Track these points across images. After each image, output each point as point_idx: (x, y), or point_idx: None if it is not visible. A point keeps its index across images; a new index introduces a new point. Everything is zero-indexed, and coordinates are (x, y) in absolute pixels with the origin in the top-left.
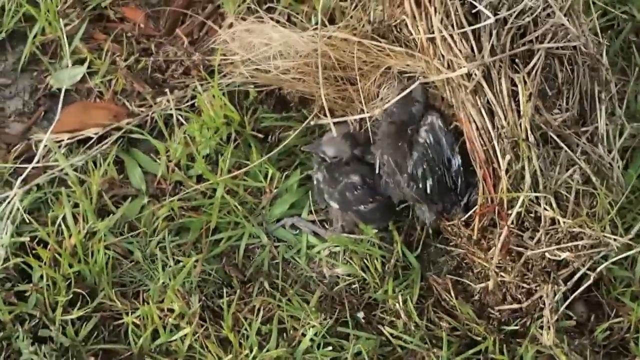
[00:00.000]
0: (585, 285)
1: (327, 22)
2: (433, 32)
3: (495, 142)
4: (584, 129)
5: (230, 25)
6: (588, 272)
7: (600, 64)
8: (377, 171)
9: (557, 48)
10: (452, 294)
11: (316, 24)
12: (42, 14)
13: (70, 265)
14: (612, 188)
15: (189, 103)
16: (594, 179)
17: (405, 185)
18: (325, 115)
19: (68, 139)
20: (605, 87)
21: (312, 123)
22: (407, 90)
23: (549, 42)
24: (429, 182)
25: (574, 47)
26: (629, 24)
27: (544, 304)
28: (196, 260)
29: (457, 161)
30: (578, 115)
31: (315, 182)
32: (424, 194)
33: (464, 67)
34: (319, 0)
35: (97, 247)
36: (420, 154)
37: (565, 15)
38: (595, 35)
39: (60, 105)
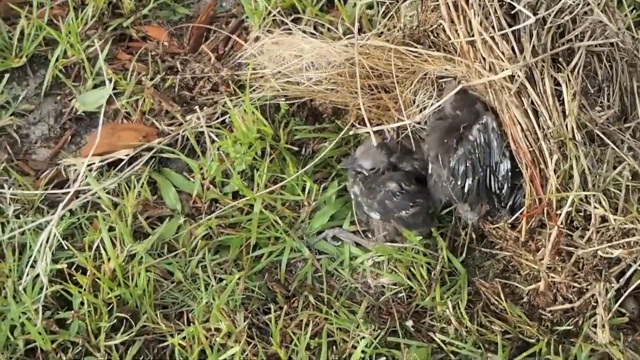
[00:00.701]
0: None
1: (356, 31)
2: (473, 35)
3: (542, 143)
4: (626, 125)
5: (257, 39)
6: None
7: (637, 59)
8: (428, 170)
9: (596, 45)
10: (502, 297)
11: (344, 33)
12: (63, 36)
13: (111, 290)
14: None
15: (219, 119)
16: None
17: (445, 180)
18: (360, 124)
19: (99, 162)
20: None
21: (350, 133)
22: (452, 93)
23: (588, 40)
24: (468, 181)
25: (612, 43)
26: None
27: (597, 302)
28: (239, 278)
29: (506, 166)
30: (620, 112)
31: (352, 196)
32: (461, 193)
33: (507, 69)
34: (344, 10)
35: (136, 270)
36: (466, 151)
37: (602, 11)
38: (629, 31)
39: (88, 129)
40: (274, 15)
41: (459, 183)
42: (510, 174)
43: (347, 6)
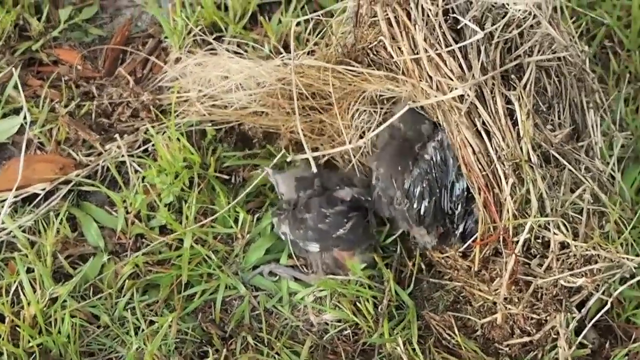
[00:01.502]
0: (603, 310)
1: (282, 49)
2: (417, 52)
3: (496, 165)
4: (580, 143)
5: (178, 60)
6: (603, 296)
7: (585, 73)
8: (374, 187)
9: (546, 60)
10: (455, 331)
11: (271, 52)
12: None
13: (32, 338)
14: (618, 204)
15: (141, 148)
16: (603, 197)
17: (398, 202)
18: (294, 149)
19: (12, 198)
20: (592, 97)
21: (288, 159)
22: (396, 116)
23: (537, 55)
24: (425, 204)
25: (559, 57)
26: (601, 29)
27: (557, 334)
28: (171, 320)
29: (462, 185)
30: (572, 130)
31: (283, 237)
32: (417, 216)
33: (457, 88)
34: (270, 26)
35: (59, 315)
36: (422, 171)
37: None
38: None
39: None
40: (195, 35)
41: (415, 206)
42: (465, 194)
43: (271, 23)
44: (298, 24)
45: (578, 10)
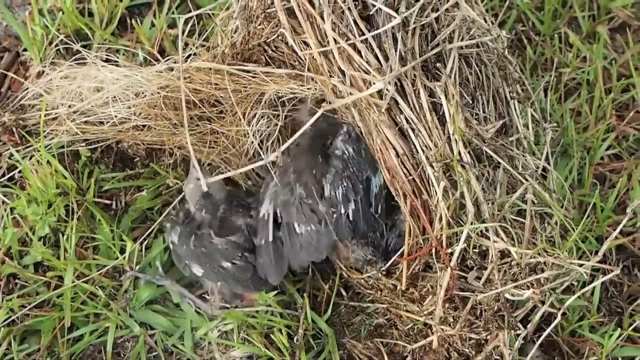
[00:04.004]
0: (553, 325)
1: (158, 55)
2: (326, 44)
3: (424, 168)
4: (510, 138)
5: (40, 74)
6: (549, 309)
7: (507, 61)
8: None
9: (466, 47)
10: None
11: (146, 58)
12: None
13: None
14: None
15: (6, 176)
16: (546, 197)
17: (324, 214)
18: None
19: None
20: (514, 87)
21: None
22: (310, 121)
23: (458, 41)
24: (352, 206)
25: (479, 45)
26: (512, 13)
27: (501, 355)
28: None
29: (378, 181)
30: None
31: (170, 246)
32: (347, 223)
33: (377, 82)
34: (142, 31)
35: None
36: (337, 168)
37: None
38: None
39: None
40: (57, 45)
41: (342, 212)
42: (384, 191)
43: (143, 27)
44: (172, 26)
45: None
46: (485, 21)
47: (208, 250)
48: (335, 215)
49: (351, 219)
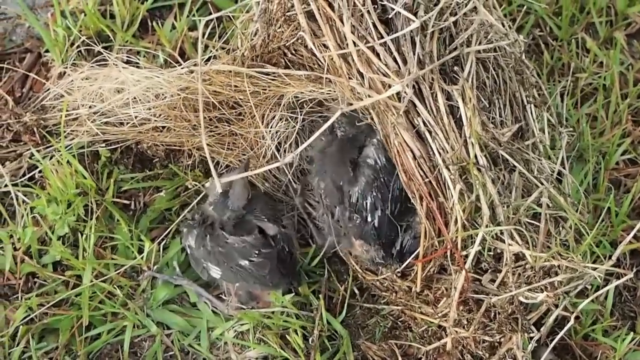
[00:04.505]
0: (566, 328)
1: (179, 58)
2: (345, 47)
3: (441, 171)
4: (526, 142)
5: (61, 75)
6: (563, 312)
7: (524, 65)
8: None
9: (485, 50)
10: None
11: (165, 61)
12: None
13: None
14: (575, 208)
15: (27, 175)
16: (561, 201)
17: (345, 218)
18: (199, 168)
19: None
20: (531, 92)
21: (206, 185)
22: (328, 123)
23: (476, 45)
24: (378, 214)
25: (496, 49)
26: (530, 17)
27: (514, 357)
28: None
29: (398, 185)
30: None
31: (188, 250)
32: (373, 230)
33: (395, 84)
34: (163, 33)
35: None
36: (368, 178)
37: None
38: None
39: None
40: (79, 46)
41: (368, 219)
42: (403, 194)
43: (164, 29)
44: (192, 29)
45: None
46: (503, 25)
47: (225, 249)
48: (358, 221)
49: (377, 226)
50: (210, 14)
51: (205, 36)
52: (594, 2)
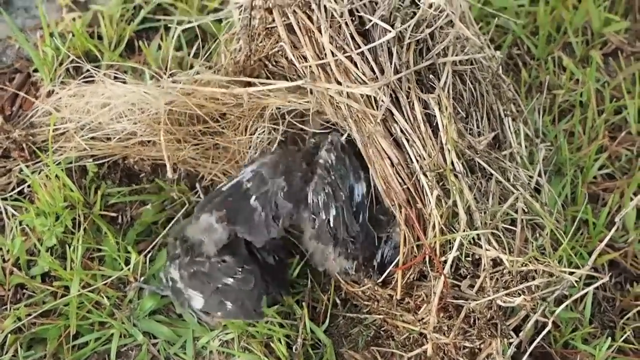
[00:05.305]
0: (544, 332)
1: (164, 76)
2: (323, 57)
3: (419, 177)
4: (503, 153)
5: (50, 94)
6: (541, 318)
7: (500, 79)
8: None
9: (461, 62)
10: None
11: (151, 79)
12: None
13: None
14: (551, 215)
15: (16, 190)
16: (537, 206)
17: (308, 223)
18: (184, 180)
19: None
20: (509, 106)
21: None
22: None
23: (452, 56)
24: (332, 213)
25: (473, 63)
26: (507, 37)
27: None
28: None
29: (360, 190)
30: (493, 138)
31: (170, 284)
32: (328, 229)
33: (369, 86)
34: (150, 52)
35: None
36: (320, 178)
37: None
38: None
39: None
40: (67, 66)
41: (323, 218)
42: (366, 201)
43: (150, 49)
44: (178, 49)
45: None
46: (479, 39)
47: (207, 270)
48: (317, 222)
49: (332, 225)
50: (197, 36)
51: (191, 55)
52: (570, 22)
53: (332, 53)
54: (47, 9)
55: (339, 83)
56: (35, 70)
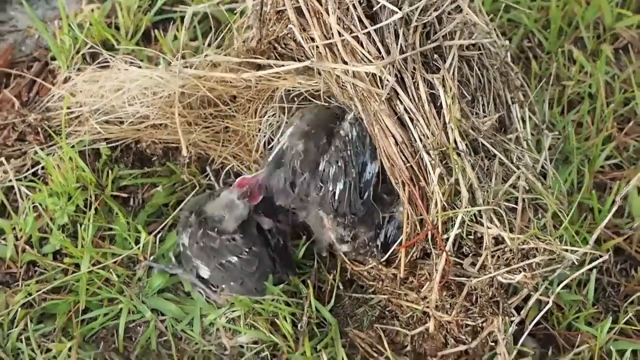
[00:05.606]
0: (544, 310)
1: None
2: (330, 38)
3: (422, 155)
4: (509, 136)
5: (66, 80)
6: (542, 297)
7: (509, 67)
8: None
9: (467, 47)
10: (384, 346)
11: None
12: None
13: None
14: (554, 196)
15: (30, 171)
16: (539, 185)
17: (311, 187)
18: (194, 164)
19: None
20: (517, 94)
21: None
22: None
23: (459, 39)
24: (339, 186)
25: (481, 49)
26: (519, 30)
27: (495, 341)
28: (69, 348)
29: (373, 169)
30: (497, 123)
31: (181, 248)
32: (332, 201)
33: (374, 64)
34: (165, 41)
35: None
36: (336, 149)
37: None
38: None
39: None
40: (84, 53)
41: (329, 189)
42: (375, 180)
43: (166, 39)
44: (195, 39)
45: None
46: (487, 26)
47: (216, 245)
48: (322, 191)
49: (336, 197)
50: (211, 27)
51: (206, 44)
52: (582, 17)
53: (339, 33)
54: (67, 0)
55: (345, 63)
56: (53, 59)
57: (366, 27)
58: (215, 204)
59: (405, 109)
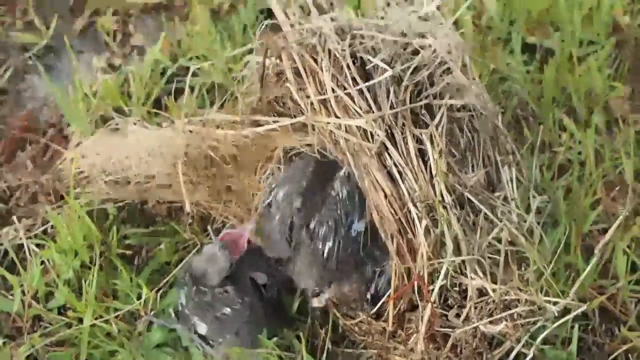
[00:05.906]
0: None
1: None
2: (324, 94)
3: (410, 207)
4: (496, 194)
5: (79, 144)
6: (524, 350)
7: (498, 131)
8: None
9: (459, 109)
10: None
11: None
12: None
13: None
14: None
15: (40, 229)
16: (521, 238)
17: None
18: (199, 225)
19: None
20: (507, 158)
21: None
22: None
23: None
24: (329, 245)
25: (471, 111)
26: (514, 99)
27: None
28: None
29: (360, 227)
30: (486, 182)
31: (179, 308)
32: (321, 259)
33: (364, 118)
34: (176, 107)
35: None
36: (327, 209)
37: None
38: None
39: None
40: (97, 119)
41: (319, 247)
42: (361, 240)
43: (176, 105)
44: (203, 106)
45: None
46: (484, 94)
47: (209, 299)
48: (311, 247)
49: (324, 256)
50: (222, 96)
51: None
52: (575, 89)
53: (332, 90)
54: (85, 69)
55: (338, 118)
56: (69, 125)
57: (358, 84)
58: (200, 258)
59: (394, 163)
